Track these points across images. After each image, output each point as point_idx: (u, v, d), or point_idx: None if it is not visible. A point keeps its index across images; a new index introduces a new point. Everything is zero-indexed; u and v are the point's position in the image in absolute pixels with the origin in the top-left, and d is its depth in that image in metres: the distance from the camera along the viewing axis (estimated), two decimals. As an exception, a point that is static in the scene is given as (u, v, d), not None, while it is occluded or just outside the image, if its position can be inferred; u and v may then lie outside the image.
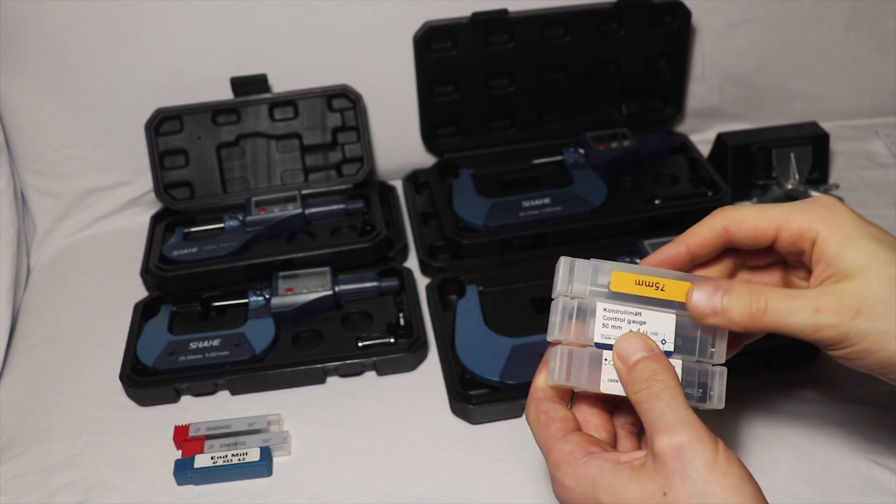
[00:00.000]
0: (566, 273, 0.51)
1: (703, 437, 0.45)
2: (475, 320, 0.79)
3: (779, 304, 0.48)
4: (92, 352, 0.83)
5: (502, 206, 0.91)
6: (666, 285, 0.51)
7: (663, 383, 0.47)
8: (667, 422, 0.45)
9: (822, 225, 0.49)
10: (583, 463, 0.48)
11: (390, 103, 1.00)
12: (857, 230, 0.49)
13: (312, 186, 0.97)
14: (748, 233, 0.51)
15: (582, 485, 0.47)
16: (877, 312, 0.46)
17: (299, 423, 0.74)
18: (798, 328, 0.47)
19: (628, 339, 0.50)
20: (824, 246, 0.49)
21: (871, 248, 0.48)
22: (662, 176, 0.98)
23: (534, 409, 0.52)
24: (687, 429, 0.45)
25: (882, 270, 0.47)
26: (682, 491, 0.44)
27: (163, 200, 0.95)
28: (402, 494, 0.67)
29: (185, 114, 0.94)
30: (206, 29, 0.93)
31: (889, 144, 1.06)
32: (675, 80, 1.02)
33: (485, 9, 0.93)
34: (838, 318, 0.47)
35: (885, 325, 0.46)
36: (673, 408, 0.46)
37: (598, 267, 0.51)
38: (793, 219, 0.50)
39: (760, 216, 0.51)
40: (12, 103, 0.94)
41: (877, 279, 0.47)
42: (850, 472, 0.66)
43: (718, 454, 0.44)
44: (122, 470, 0.71)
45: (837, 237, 0.49)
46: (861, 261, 0.48)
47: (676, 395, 0.47)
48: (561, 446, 0.49)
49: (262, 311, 0.82)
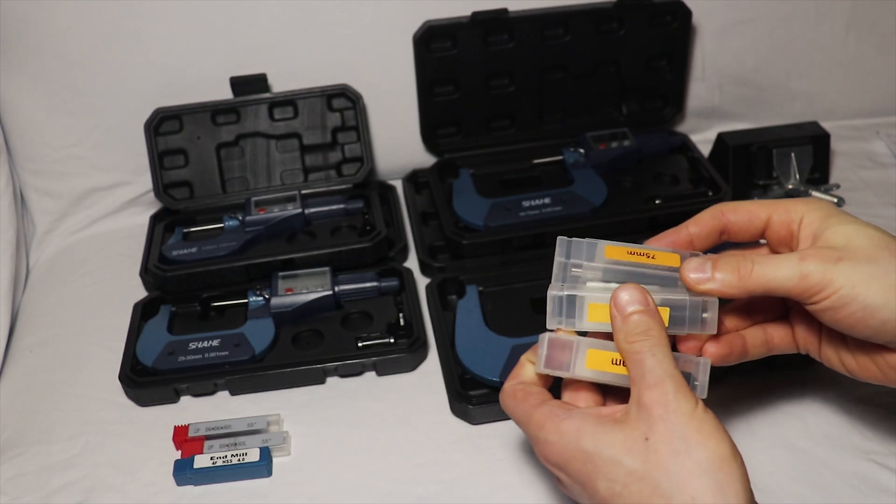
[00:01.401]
0: (563, 250, 0.55)
1: (686, 391, 0.48)
2: (475, 320, 0.79)
3: (765, 261, 0.52)
4: (91, 352, 0.83)
5: (502, 206, 0.91)
6: (656, 255, 0.55)
7: (656, 339, 0.50)
8: (656, 375, 0.49)
9: (806, 207, 0.55)
10: (565, 418, 0.51)
11: (390, 103, 1.00)
12: (840, 214, 0.54)
13: (312, 186, 0.97)
14: (742, 216, 0.57)
15: (565, 436, 0.50)
16: (857, 258, 0.50)
17: (299, 424, 0.74)
18: (784, 279, 0.51)
19: (628, 289, 0.52)
20: (808, 223, 0.54)
21: (850, 219, 0.54)
22: (663, 176, 0.98)
23: (509, 390, 0.55)
24: (672, 381, 0.48)
25: (861, 231, 0.52)
26: (663, 435, 0.47)
27: (162, 200, 0.95)
28: (402, 494, 0.67)
29: (184, 114, 0.94)
30: (206, 29, 0.93)
31: (890, 144, 1.06)
32: (676, 79, 1.02)
33: (485, 8, 0.93)
34: (821, 263, 0.50)
35: (865, 268, 0.50)
36: (662, 364, 0.49)
37: (593, 243, 0.55)
38: (783, 206, 0.56)
39: (756, 203, 0.57)
40: (12, 103, 0.94)
41: (856, 236, 0.52)
42: (850, 472, 0.66)
43: (698, 405, 0.48)
44: (122, 470, 0.71)
45: (820, 214, 0.54)
46: (842, 227, 0.53)
47: (666, 353, 0.50)
48: (541, 409, 0.52)
49: (262, 312, 0.82)
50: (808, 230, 0.54)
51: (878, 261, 0.50)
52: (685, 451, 0.46)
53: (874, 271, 0.50)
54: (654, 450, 0.47)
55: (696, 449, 0.46)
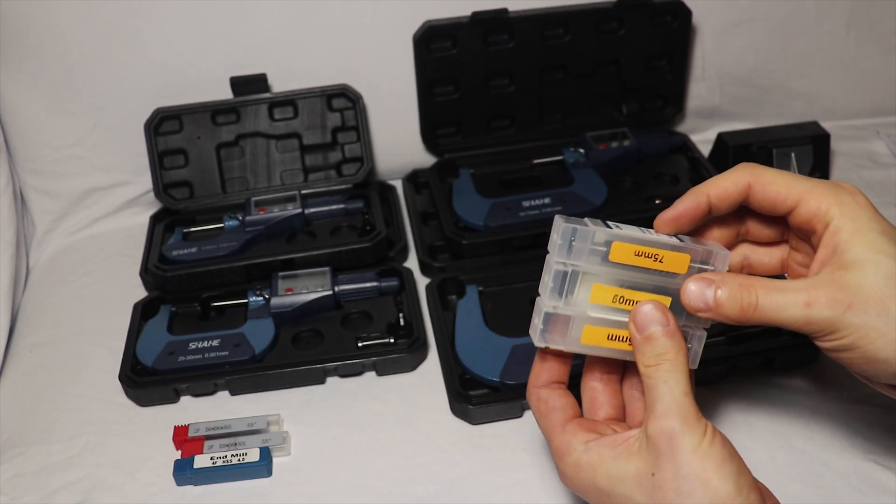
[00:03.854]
0: (565, 237, 0.51)
1: (692, 423, 0.47)
2: (475, 320, 0.79)
3: (769, 298, 0.49)
4: (91, 352, 0.83)
5: (502, 206, 0.91)
6: (665, 257, 0.52)
7: (671, 363, 0.49)
8: (664, 405, 0.48)
9: (839, 210, 0.50)
10: (582, 452, 0.51)
11: (390, 103, 1.00)
12: (870, 223, 0.49)
13: (312, 186, 0.97)
14: (769, 197, 0.52)
15: (581, 472, 0.50)
16: (868, 308, 0.47)
17: (299, 424, 0.74)
18: (789, 321, 0.49)
19: (648, 308, 0.50)
20: (835, 232, 0.50)
21: (878, 243, 0.49)
22: (663, 176, 0.98)
23: (534, 398, 0.55)
24: (680, 415, 0.47)
25: (882, 265, 0.48)
26: (668, 472, 0.47)
27: (162, 200, 0.95)
28: (402, 494, 0.67)
29: (184, 114, 0.94)
30: (206, 29, 0.93)
31: (890, 144, 1.06)
32: (676, 79, 1.02)
33: (485, 8, 0.93)
34: (830, 312, 0.48)
35: (874, 322, 0.47)
36: (673, 392, 0.48)
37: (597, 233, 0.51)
38: (814, 196, 0.50)
39: (786, 184, 0.51)
40: (12, 103, 0.94)
41: (874, 275, 0.48)
42: (850, 472, 0.66)
43: (704, 438, 0.47)
44: (122, 470, 0.71)
45: (850, 226, 0.49)
46: (865, 254, 0.48)
47: (680, 379, 0.48)
48: (560, 437, 0.52)
49: (262, 312, 0.82)
50: (832, 240, 0.50)
51: (889, 312, 0.47)
52: (688, 492, 0.46)
53: (882, 326, 0.47)
54: (660, 487, 0.47)
55: (698, 490, 0.46)
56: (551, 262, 0.52)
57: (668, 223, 0.53)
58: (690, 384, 0.49)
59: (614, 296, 0.52)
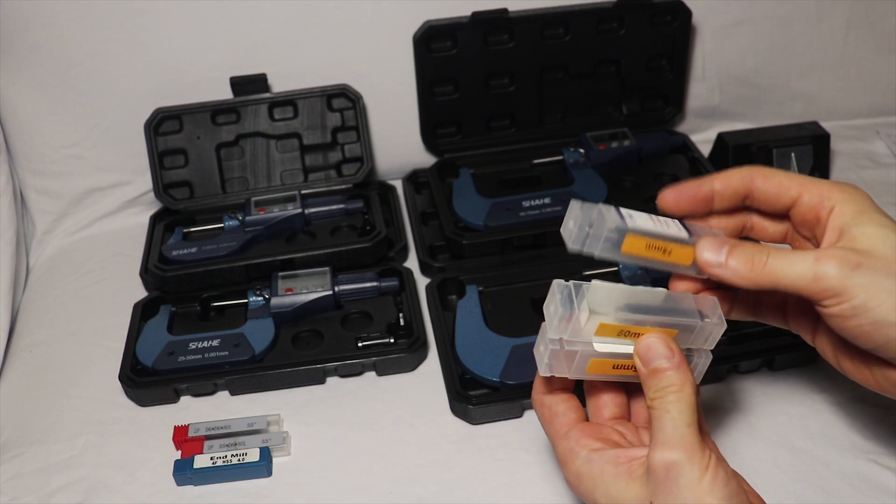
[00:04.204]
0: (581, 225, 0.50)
1: (694, 457, 0.47)
2: (475, 320, 0.79)
3: (779, 255, 0.49)
4: (91, 352, 0.83)
5: (502, 206, 0.91)
6: (673, 250, 0.52)
7: (676, 395, 0.49)
8: (666, 436, 0.48)
9: (841, 195, 0.51)
10: (584, 462, 0.51)
11: (390, 103, 1.00)
12: (871, 206, 0.51)
13: (312, 186, 0.97)
14: (772, 188, 0.53)
15: (583, 483, 0.51)
16: (877, 268, 0.48)
17: (299, 424, 0.74)
18: (797, 277, 0.48)
19: (652, 341, 0.50)
20: (839, 214, 0.51)
21: (881, 220, 0.50)
22: (663, 176, 0.98)
23: (538, 404, 0.56)
24: (682, 447, 0.47)
25: (889, 237, 0.49)
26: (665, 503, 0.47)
27: (162, 200, 0.95)
28: (402, 494, 0.67)
29: (184, 113, 0.94)
30: (206, 29, 0.93)
31: (890, 144, 1.06)
32: (676, 79, 1.02)
33: (485, 8, 0.93)
34: (838, 269, 0.48)
35: (884, 282, 0.47)
36: (676, 424, 0.48)
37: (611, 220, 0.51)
38: (816, 185, 0.52)
39: (788, 177, 0.53)
40: (12, 103, 0.94)
41: (882, 245, 0.48)
42: (850, 472, 0.66)
43: (707, 473, 0.46)
44: (122, 470, 0.71)
45: (853, 208, 0.51)
46: (871, 228, 0.49)
47: (684, 410, 0.48)
48: (564, 444, 0.53)
49: (262, 312, 0.82)
50: (837, 222, 0.51)
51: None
52: None
53: (892, 287, 0.47)
54: None
55: None
56: (555, 290, 0.52)
57: (668, 198, 0.55)
58: (697, 415, 0.49)
59: (620, 331, 0.51)
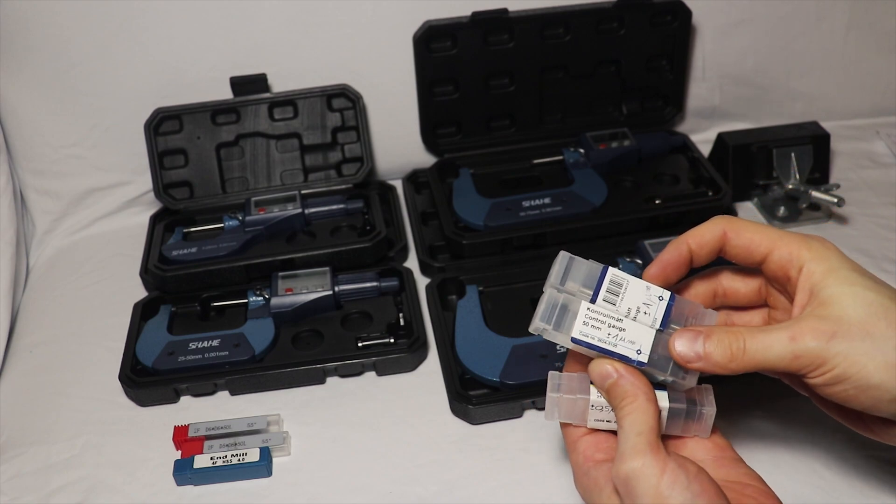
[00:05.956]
0: (561, 269, 0.54)
1: (647, 463, 0.47)
2: (475, 320, 0.79)
3: (755, 340, 0.50)
4: (91, 352, 0.83)
5: (502, 206, 0.91)
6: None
7: (628, 407, 0.50)
8: (621, 448, 0.49)
9: (809, 253, 0.52)
10: (587, 471, 0.53)
11: (390, 103, 1.00)
12: (840, 261, 0.52)
13: (312, 186, 0.97)
14: (743, 244, 0.54)
15: (589, 489, 0.53)
16: (852, 335, 0.48)
17: (299, 424, 0.74)
18: (776, 360, 0.50)
19: (596, 366, 0.52)
20: (808, 274, 0.52)
21: (851, 277, 0.51)
22: (663, 176, 0.98)
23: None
24: (633, 456, 0.48)
25: (859, 296, 0.49)
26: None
27: (162, 200, 0.95)
28: (402, 494, 0.67)
29: (184, 113, 0.94)
30: (206, 29, 0.93)
31: (890, 144, 1.06)
32: (676, 79, 1.02)
33: (485, 8, 0.93)
34: (815, 342, 0.49)
35: (861, 347, 0.48)
36: (628, 435, 0.49)
37: (594, 271, 0.54)
38: (785, 243, 0.53)
39: (759, 231, 0.54)
40: (12, 103, 0.94)
41: (853, 306, 0.49)
42: (850, 471, 0.66)
43: (663, 477, 0.47)
44: (122, 470, 0.71)
45: (822, 267, 0.51)
46: (840, 288, 0.50)
47: (634, 421, 0.49)
48: (573, 457, 0.55)
49: (262, 312, 0.82)
50: (807, 283, 0.52)
51: (874, 336, 0.48)
52: None
53: (869, 349, 0.48)
54: None
55: None
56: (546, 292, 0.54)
57: (656, 276, 0.56)
58: (652, 422, 0.49)
59: None
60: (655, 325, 0.53)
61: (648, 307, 0.53)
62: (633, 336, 0.52)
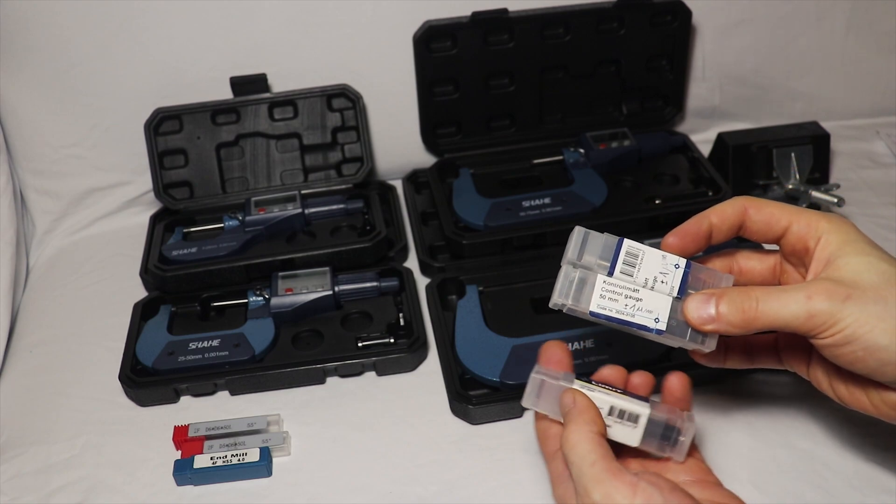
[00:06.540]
0: (578, 243, 0.55)
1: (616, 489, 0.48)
2: (475, 320, 0.79)
3: (770, 298, 0.52)
4: (91, 352, 0.83)
5: (502, 206, 0.91)
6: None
7: (569, 427, 0.52)
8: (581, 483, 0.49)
9: (828, 226, 0.54)
10: (562, 482, 0.54)
11: (390, 103, 1.00)
12: (857, 235, 0.54)
13: (312, 186, 0.97)
14: (764, 218, 0.56)
15: (566, 500, 0.53)
16: (865, 297, 0.50)
17: (299, 424, 0.74)
18: (791, 317, 0.51)
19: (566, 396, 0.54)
20: (826, 244, 0.54)
21: (866, 249, 0.53)
22: (663, 176, 0.98)
23: (537, 424, 0.58)
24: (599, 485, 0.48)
25: (873, 265, 0.51)
26: None
27: (162, 200, 0.95)
28: (402, 494, 0.67)
29: (184, 113, 0.94)
30: (206, 29, 0.93)
31: (890, 144, 1.06)
32: (676, 79, 1.02)
33: (485, 8, 0.93)
34: (829, 303, 0.50)
35: (873, 309, 0.50)
36: (569, 454, 0.50)
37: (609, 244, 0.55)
38: (805, 216, 0.55)
39: (778, 206, 0.56)
40: (12, 103, 0.94)
41: (868, 272, 0.51)
42: (850, 472, 0.66)
43: (636, 498, 0.47)
44: (122, 470, 0.71)
45: (839, 238, 0.53)
46: (857, 257, 0.52)
47: (574, 440, 0.50)
48: (552, 466, 0.55)
49: (262, 312, 0.82)
50: (824, 252, 0.53)
51: (887, 300, 0.50)
52: None
53: (881, 312, 0.49)
54: None
55: None
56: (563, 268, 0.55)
57: (673, 245, 0.56)
58: (602, 448, 0.50)
59: None
60: (673, 292, 0.54)
61: (665, 276, 0.54)
62: (651, 305, 0.54)
